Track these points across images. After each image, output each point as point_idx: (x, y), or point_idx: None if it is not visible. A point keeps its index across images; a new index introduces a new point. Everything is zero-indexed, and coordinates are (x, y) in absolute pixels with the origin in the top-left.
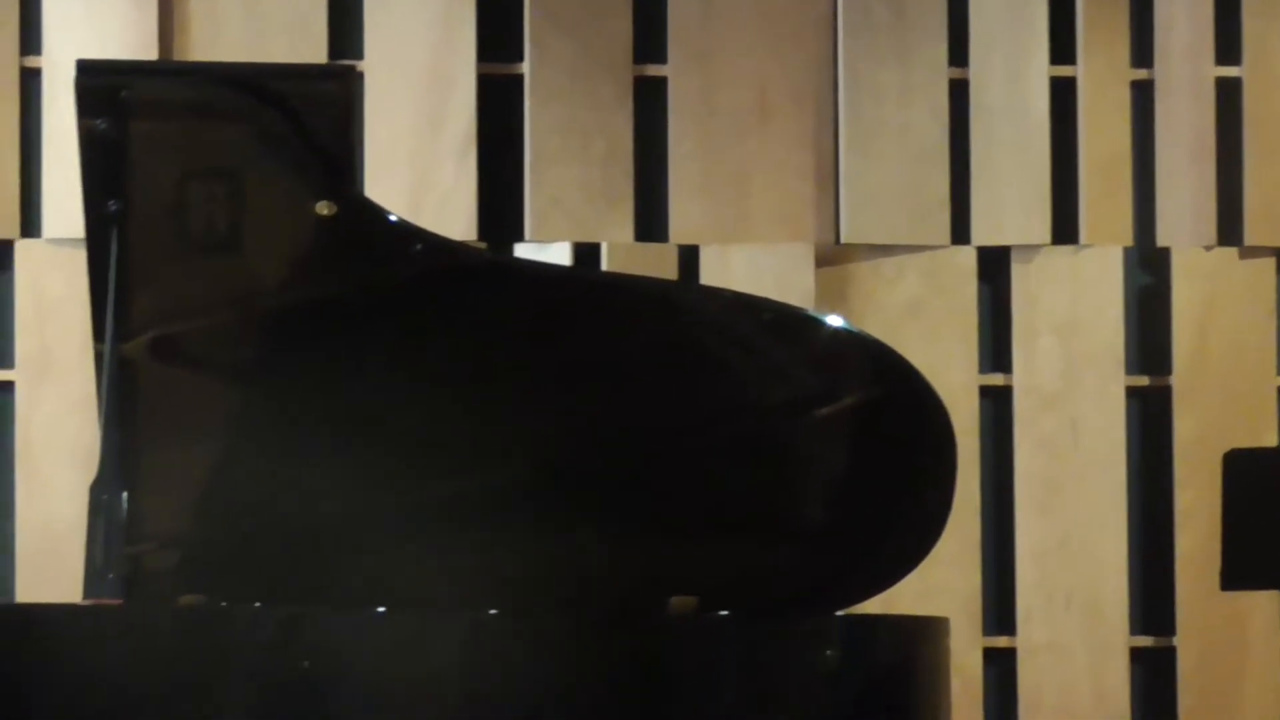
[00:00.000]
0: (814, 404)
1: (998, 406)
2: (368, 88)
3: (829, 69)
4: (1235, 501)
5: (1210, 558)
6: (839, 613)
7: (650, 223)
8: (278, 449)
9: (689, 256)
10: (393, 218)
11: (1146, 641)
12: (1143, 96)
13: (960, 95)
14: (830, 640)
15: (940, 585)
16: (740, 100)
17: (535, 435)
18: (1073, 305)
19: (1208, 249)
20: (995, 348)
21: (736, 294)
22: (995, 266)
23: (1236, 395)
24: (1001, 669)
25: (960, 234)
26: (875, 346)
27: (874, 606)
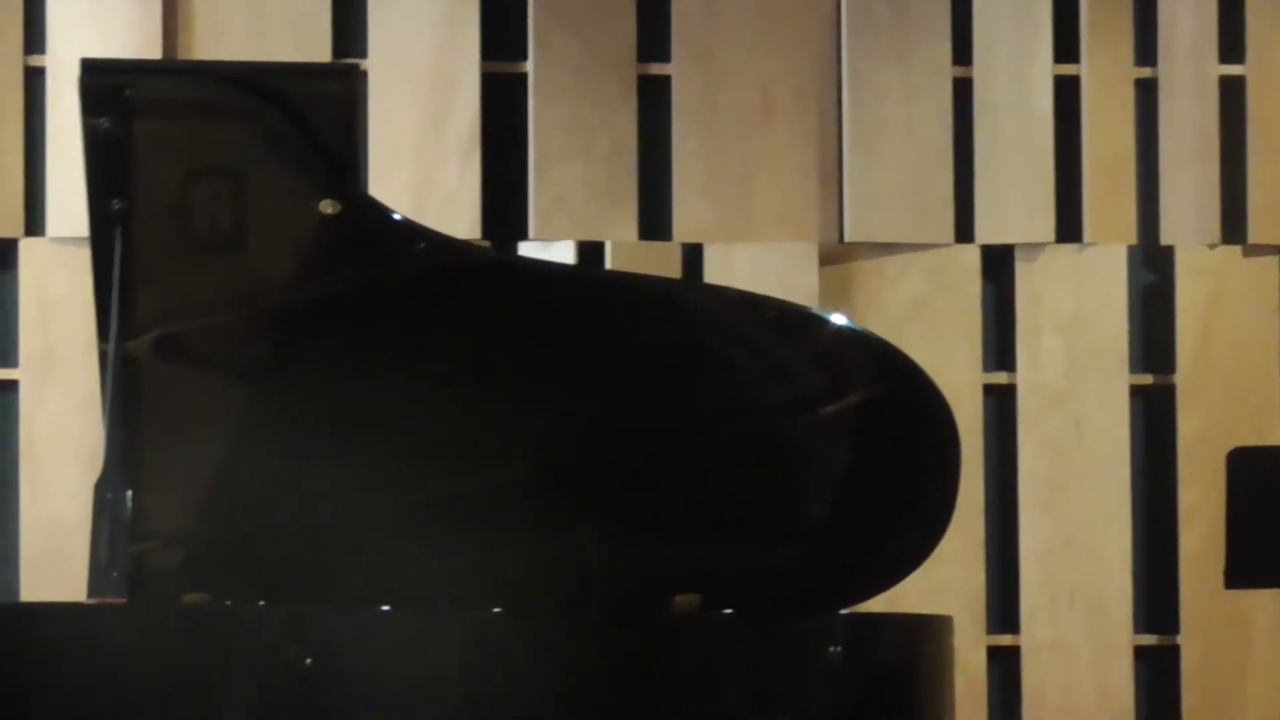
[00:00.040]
0: (818, 402)
1: (1001, 405)
2: (371, 86)
3: (833, 67)
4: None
5: (1214, 556)
6: (843, 611)
7: (654, 221)
8: (282, 448)
9: (693, 255)
10: (396, 216)
11: (1150, 640)
12: (1146, 95)
13: (964, 94)
14: (834, 639)
15: (944, 584)
16: (744, 99)
17: (539, 434)
18: (1076, 304)
19: (1211, 247)
20: (999, 346)
21: (740, 292)
22: (999, 265)
23: (1240, 393)
24: (1005, 667)
25: (964, 232)
26: (879, 345)
27: (878, 605)
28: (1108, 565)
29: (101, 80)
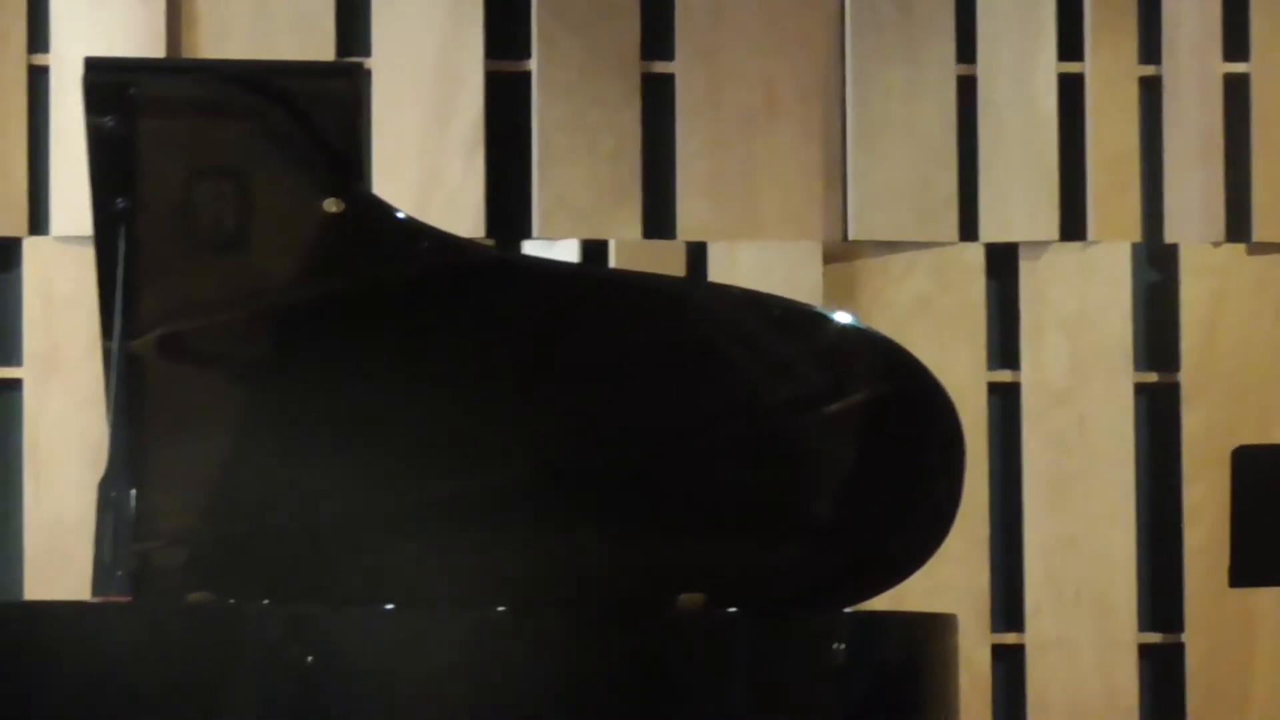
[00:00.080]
0: (822, 401)
1: (1006, 403)
2: (375, 85)
3: (836, 66)
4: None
5: (1219, 554)
6: (847, 609)
7: (658, 220)
8: (285, 446)
9: (697, 253)
10: (400, 215)
11: (1155, 638)
12: (1151, 93)
13: (968, 92)
14: (838, 637)
15: (949, 582)
16: (748, 97)
17: (542, 432)
18: (1081, 302)
19: (1216, 245)
20: (1003, 344)
21: (744, 291)
22: (1003, 263)
23: (1245, 391)
24: (1010, 665)
25: (968, 231)
26: (883, 343)
27: (882, 603)
28: (1112, 563)
29: (105, 79)
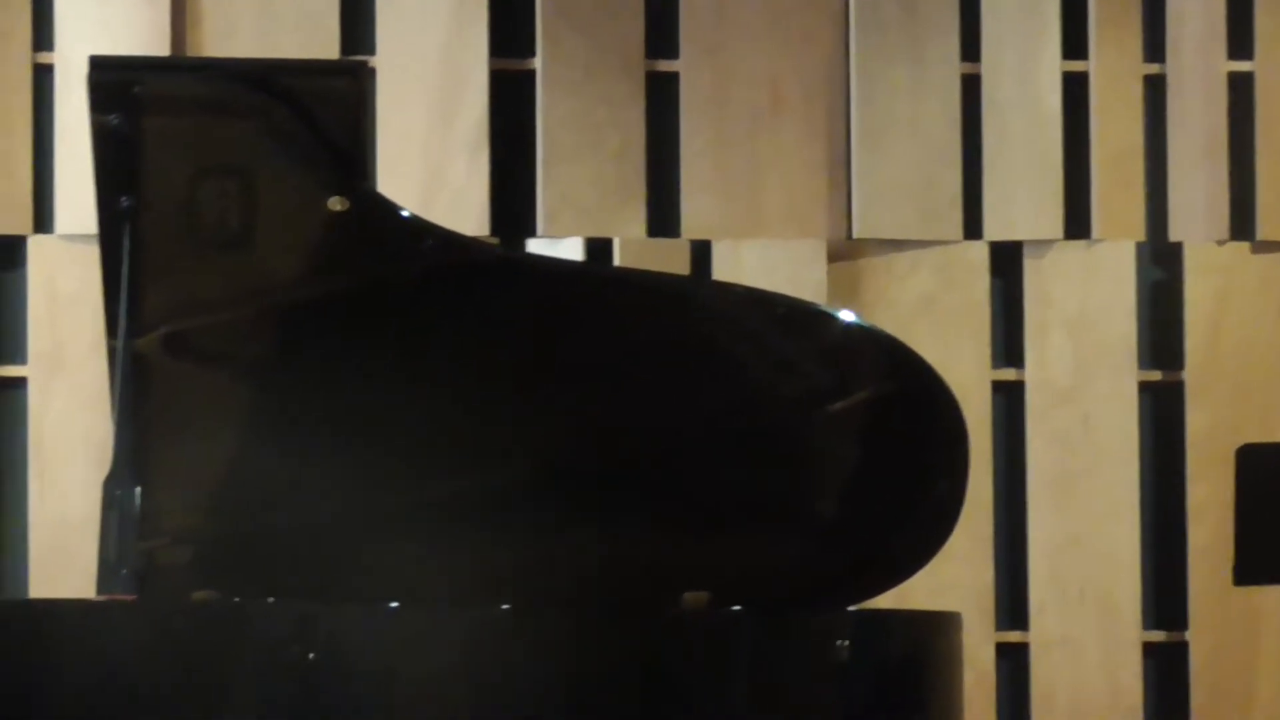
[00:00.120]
0: (826, 399)
1: (1010, 401)
2: (379, 83)
3: (841, 64)
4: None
5: (1223, 552)
6: (851, 608)
7: (662, 218)
8: (290, 445)
9: (701, 252)
10: (405, 213)
11: (1159, 636)
12: (1155, 91)
13: (972, 90)
14: (842, 635)
15: (953, 580)
16: (752, 96)
17: (548, 430)
18: (1085, 300)
19: (1220, 244)
20: (1007, 343)
21: (749, 289)
22: (1007, 262)
23: (1249, 390)
24: (1014, 663)
25: (972, 229)
26: (887, 342)
27: (887, 601)
28: (1116, 562)
29: (110, 77)
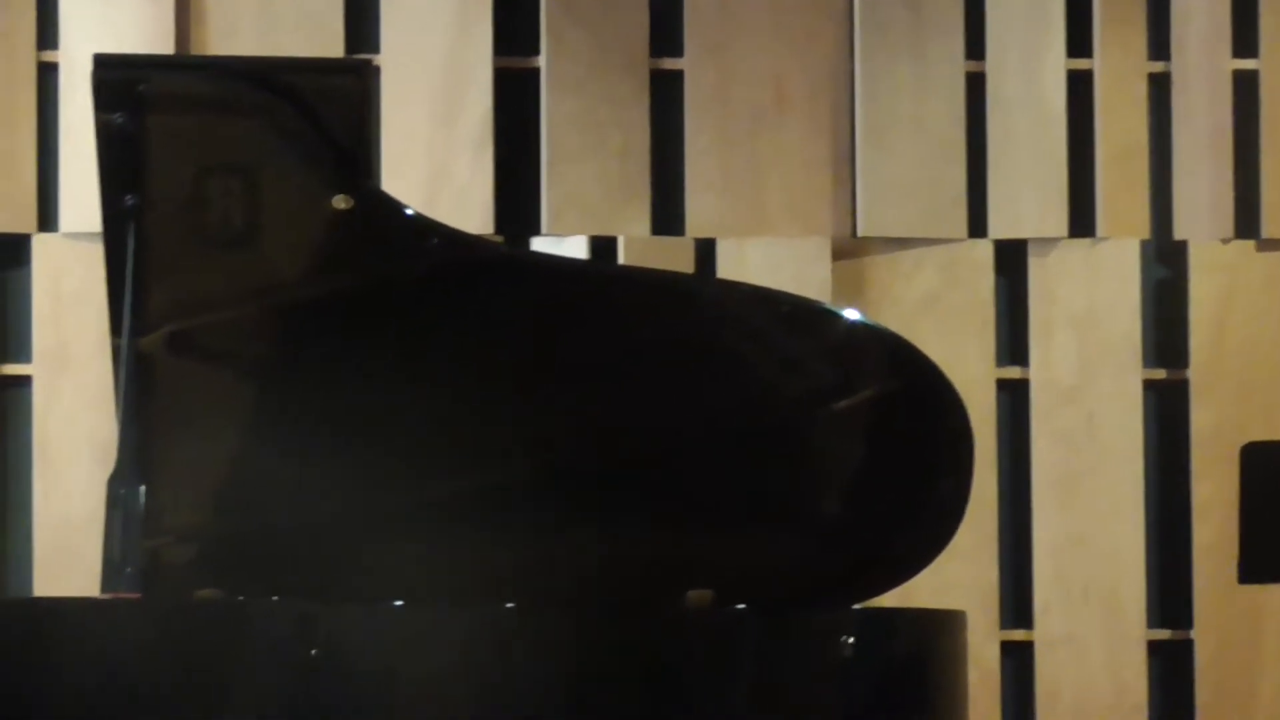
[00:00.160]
0: (830, 397)
1: (1014, 400)
2: (384, 81)
3: (845, 62)
4: (1253, 494)
5: (1228, 551)
6: (856, 606)
7: (667, 216)
8: (295, 443)
9: (705, 250)
10: (409, 211)
11: (1164, 634)
12: (1159, 89)
13: (977, 88)
14: (847, 634)
15: (957, 579)
16: (756, 94)
17: (552, 429)
18: (1090, 298)
19: (1225, 242)
20: (1012, 341)
21: (753, 287)
22: (1012, 260)
23: (1254, 388)
24: (1019, 662)
25: (977, 227)
26: (892, 340)
27: (891, 600)
28: (1121, 560)
29: (114, 75)
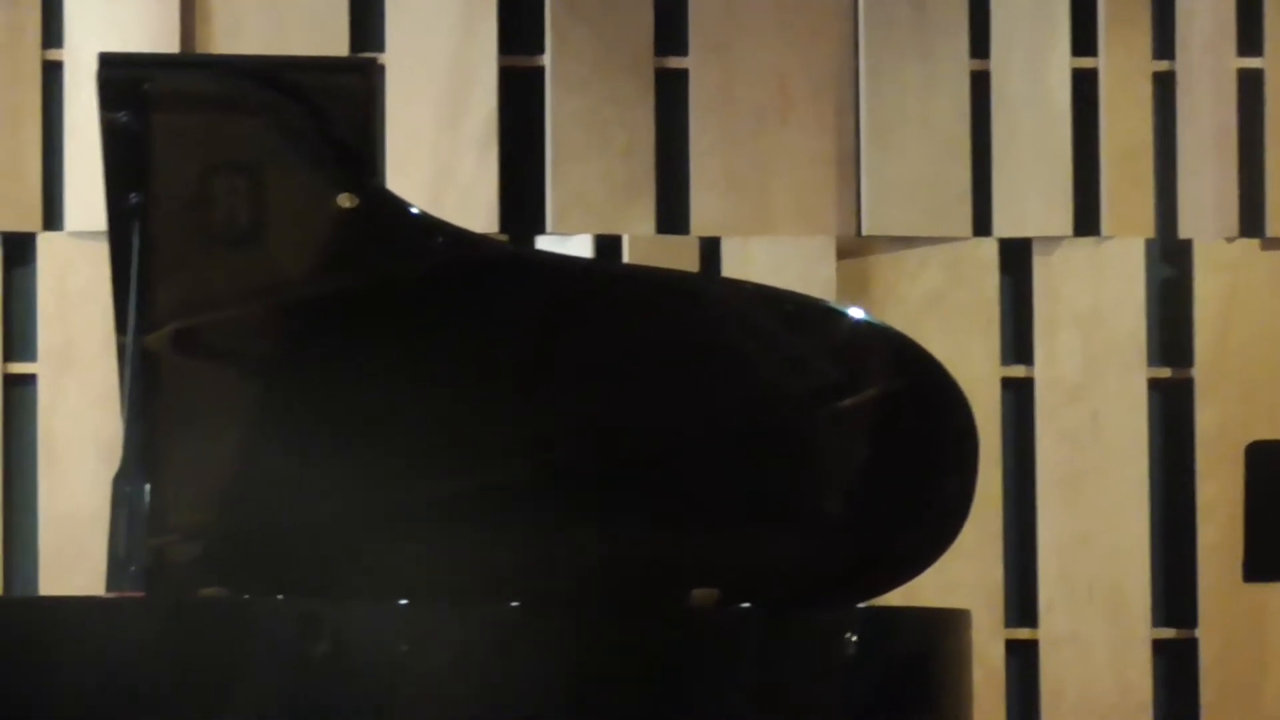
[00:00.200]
0: (835, 396)
1: (1019, 399)
2: (389, 80)
3: (850, 61)
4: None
5: (1232, 550)
6: (860, 605)
7: (671, 215)
8: (300, 442)
9: (710, 249)
10: (414, 210)
11: (1168, 633)
12: (1164, 88)
13: (981, 87)
14: (851, 633)
15: (962, 577)
16: (761, 93)
17: (557, 427)
18: (1094, 297)
19: (1230, 241)
20: (1016, 340)
21: (758, 286)
22: (1017, 258)
23: (1259, 387)
24: (1023, 660)
25: (982, 226)
26: (896, 338)
27: (895, 599)
28: (1126, 559)
29: (119, 74)
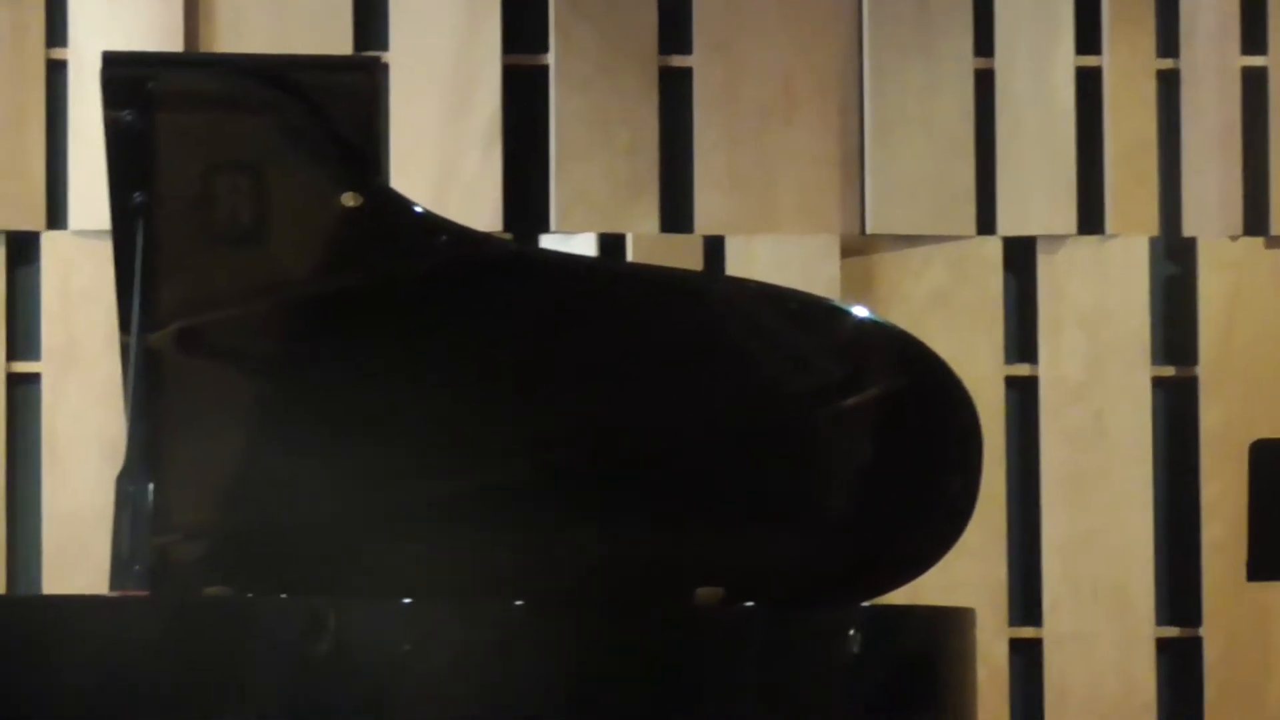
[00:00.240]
0: (839, 394)
1: (1023, 397)
2: (392, 79)
3: (854, 59)
4: (1261, 492)
5: (1236, 548)
6: (864, 604)
7: (675, 214)
8: (303, 441)
9: (714, 247)
10: (418, 209)
11: (1172, 632)
12: (1168, 86)
13: (985, 86)
14: (855, 631)
15: (966, 576)
16: (765, 91)
17: (561, 426)
18: (1099, 295)
19: (1234, 239)
20: (1021, 338)
21: (762, 284)
22: (1021, 257)
23: (1263, 385)
24: (1027, 659)
25: (986, 224)
26: (901, 337)
27: (900, 598)
28: (1130, 557)
29: (123, 73)
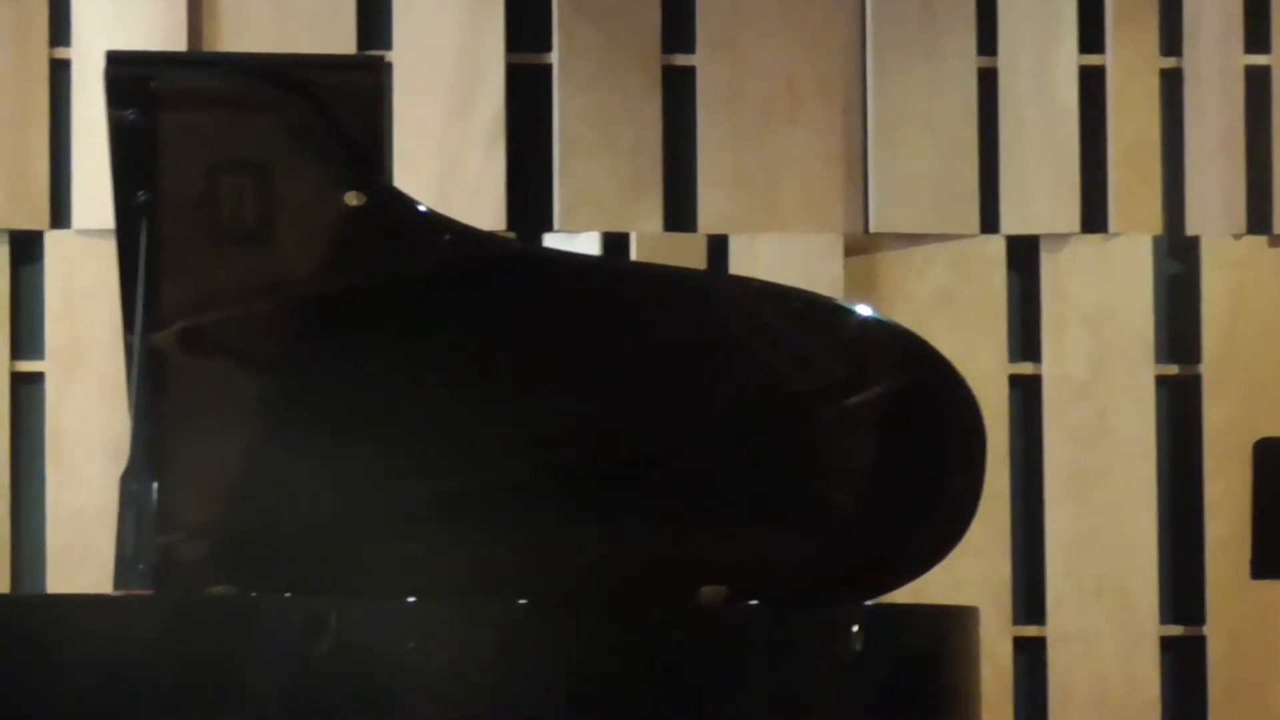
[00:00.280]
0: (843, 393)
1: (1027, 396)
2: (396, 78)
3: (857, 58)
4: (1265, 490)
5: (1240, 547)
6: (868, 603)
7: (679, 213)
8: (307, 440)
9: (718, 246)
10: (422, 208)
11: (1176, 630)
12: (1171, 85)
13: (989, 84)
14: (859, 630)
15: (970, 574)
16: (769, 90)
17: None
18: (1102, 294)
19: (1237, 237)
20: (1024, 337)
21: (765, 283)
22: (1024, 255)
23: (1266, 383)
24: (1031, 658)
25: (989, 223)
26: (904, 336)
27: (903, 596)
28: (1134, 556)
29: (127, 72)
